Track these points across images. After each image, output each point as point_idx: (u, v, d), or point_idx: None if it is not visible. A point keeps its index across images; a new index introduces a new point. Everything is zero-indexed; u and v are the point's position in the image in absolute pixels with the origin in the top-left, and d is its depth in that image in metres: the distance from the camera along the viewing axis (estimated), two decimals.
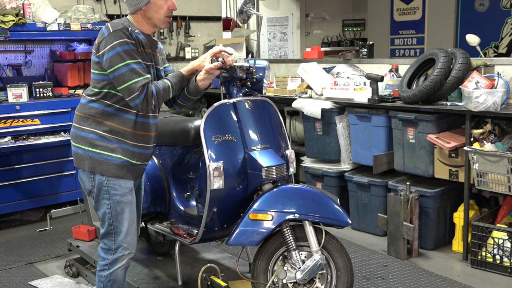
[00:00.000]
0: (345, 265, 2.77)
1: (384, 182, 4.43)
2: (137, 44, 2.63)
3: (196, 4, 6.91)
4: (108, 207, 2.72)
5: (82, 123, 2.73)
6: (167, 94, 2.72)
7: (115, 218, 2.73)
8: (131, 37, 2.60)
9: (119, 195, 2.72)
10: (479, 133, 3.88)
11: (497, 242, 3.75)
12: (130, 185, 2.77)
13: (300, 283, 2.77)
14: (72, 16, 5.25)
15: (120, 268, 2.77)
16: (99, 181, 2.71)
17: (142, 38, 2.69)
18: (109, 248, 2.76)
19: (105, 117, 2.68)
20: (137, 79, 2.56)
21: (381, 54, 7.95)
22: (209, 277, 3.18)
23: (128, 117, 2.70)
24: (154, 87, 2.64)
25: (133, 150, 2.73)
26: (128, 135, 2.71)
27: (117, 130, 2.69)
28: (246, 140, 2.89)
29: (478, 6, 7.43)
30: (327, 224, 2.78)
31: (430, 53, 4.33)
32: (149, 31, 2.77)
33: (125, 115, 2.69)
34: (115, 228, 2.74)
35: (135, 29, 2.68)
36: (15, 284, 3.80)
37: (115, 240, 2.75)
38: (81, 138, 2.72)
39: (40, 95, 5.12)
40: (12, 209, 5.02)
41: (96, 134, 2.69)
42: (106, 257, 2.77)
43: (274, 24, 8.40)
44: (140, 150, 2.76)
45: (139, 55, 2.63)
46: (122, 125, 2.69)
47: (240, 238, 2.80)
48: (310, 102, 4.84)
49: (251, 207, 2.81)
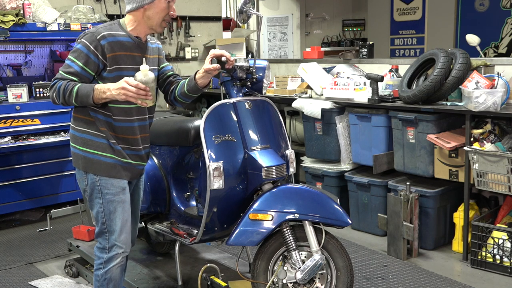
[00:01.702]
0: (345, 265, 2.77)
1: (384, 182, 4.43)
2: (103, 50, 2.60)
3: (196, 4, 6.91)
4: (101, 206, 2.75)
5: (76, 123, 2.77)
6: (67, 96, 2.60)
7: (107, 217, 2.74)
8: (96, 43, 2.60)
9: (111, 194, 2.73)
10: (479, 133, 3.88)
11: (497, 242, 3.75)
12: (123, 184, 2.77)
13: (300, 283, 2.77)
14: (72, 16, 5.25)
15: (115, 266, 2.78)
16: (92, 180, 2.73)
17: (125, 41, 2.68)
18: (104, 247, 2.78)
19: (93, 118, 2.71)
20: (62, 72, 2.62)
21: (381, 54, 7.95)
22: (209, 277, 3.18)
23: (107, 120, 2.71)
24: (60, 84, 2.62)
25: (123, 150, 2.74)
26: (112, 137, 2.72)
27: (103, 132, 2.71)
28: (246, 140, 2.89)
29: (478, 6, 7.43)
30: (327, 224, 2.78)
31: (430, 53, 4.33)
32: (143, 32, 2.75)
33: (103, 118, 2.70)
34: (108, 227, 2.76)
35: (121, 31, 2.68)
36: (15, 284, 3.80)
37: (109, 239, 2.77)
38: (76, 138, 2.76)
39: (40, 95, 5.12)
40: (12, 209, 5.02)
41: (88, 133, 2.72)
42: (101, 256, 2.80)
43: (274, 24, 8.40)
44: (129, 152, 2.76)
45: (96, 62, 2.61)
46: (105, 127, 2.71)
47: (240, 238, 2.80)
48: (310, 102, 4.84)
49: (251, 207, 2.81)
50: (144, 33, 2.76)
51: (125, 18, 2.76)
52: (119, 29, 2.70)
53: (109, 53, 2.62)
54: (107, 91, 2.57)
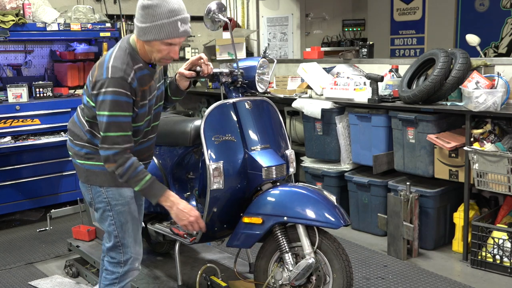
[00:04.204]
0: (342, 266, 2.70)
1: (384, 182, 4.43)
2: (135, 92, 2.49)
3: (196, 4, 6.91)
4: (112, 218, 2.64)
5: (76, 137, 2.68)
6: (132, 178, 2.50)
7: (120, 229, 2.64)
8: (129, 87, 2.45)
9: (120, 205, 2.64)
10: (479, 133, 3.88)
11: (497, 242, 3.75)
12: (131, 193, 2.68)
13: (295, 284, 2.76)
14: (72, 16, 5.25)
15: (130, 280, 2.72)
16: (98, 193, 2.63)
17: (146, 74, 2.55)
18: (119, 261, 2.67)
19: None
20: (118, 133, 2.44)
21: (381, 54, 7.94)
22: (209, 277, 3.18)
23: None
24: (131, 163, 2.48)
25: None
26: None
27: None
28: (246, 140, 2.89)
29: (478, 6, 7.42)
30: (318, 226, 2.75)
31: (430, 53, 4.32)
32: (147, 59, 2.58)
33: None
34: (121, 240, 2.65)
35: (140, 63, 2.52)
36: (15, 284, 3.80)
37: (124, 252, 2.66)
38: (75, 152, 2.68)
39: (40, 95, 5.12)
40: (12, 209, 5.02)
41: (90, 148, 2.63)
42: (115, 270, 2.68)
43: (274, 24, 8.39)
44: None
45: (132, 105, 2.49)
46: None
47: (234, 240, 2.86)
48: (310, 102, 4.84)
49: (246, 210, 2.82)
50: (148, 60, 2.59)
51: (133, 39, 2.56)
52: (137, 60, 2.53)
53: (139, 91, 2.51)
54: (173, 206, 2.59)
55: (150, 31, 2.43)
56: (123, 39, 2.61)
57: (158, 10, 2.40)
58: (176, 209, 2.59)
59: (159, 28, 2.42)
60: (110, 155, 2.46)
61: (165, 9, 2.41)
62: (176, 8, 2.43)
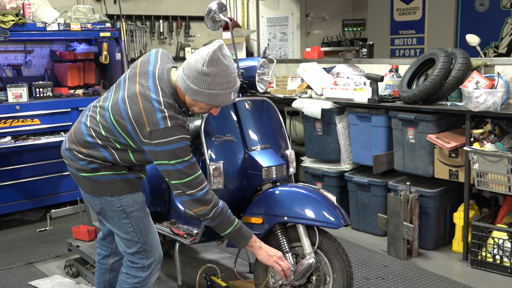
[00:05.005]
0: (342, 266, 2.71)
1: (384, 182, 4.43)
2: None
3: (196, 4, 6.91)
4: (129, 226, 2.57)
5: (83, 154, 2.56)
6: (225, 220, 2.51)
7: (140, 235, 2.59)
8: (188, 132, 2.43)
9: (136, 211, 2.58)
10: (479, 133, 3.88)
11: (497, 242, 3.75)
12: (143, 197, 2.65)
13: (295, 284, 2.76)
14: (72, 16, 5.25)
15: (152, 284, 2.70)
16: (109, 203, 2.55)
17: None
18: (142, 266, 2.63)
19: (109, 160, 2.54)
20: (195, 174, 2.40)
21: (381, 54, 7.94)
22: (209, 277, 3.19)
23: (124, 165, 2.56)
24: (222, 208, 2.49)
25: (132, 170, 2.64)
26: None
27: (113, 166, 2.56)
28: (246, 140, 2.89)
29: (478, 6, 7.42)
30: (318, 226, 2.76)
31: (430, 53, 4.32)
32: (183, 102, 2.49)
33: (122, 163, 2.55)
34: (143, 245, 2.60)
35: (180, 106, 2.45)
36: (15, 284, 3.80)
37: (147, 256, 2.62)
38: (79, 167, 2.57)
39: (40, 95, 5.12)
40: (12, 209, 5.02)
41: (98, 163, 2.53)
42: (138, 275, 2.63)
43: (274, 24, 8.39)
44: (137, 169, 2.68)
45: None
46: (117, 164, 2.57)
47: None
48: (310, 102, 4.84)
49: (246, 210, 2.82)
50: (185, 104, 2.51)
51: (176, 83, 2.44)
52: (180, 105, 2.45)
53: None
54: (262, 246, 2.62)
55: (202, 95, 2.36)
56: (161, 76, 2.44)
57: (216, 80, 2.33)
58: (265, 247, 2.63)
59: (212, 96, 2.36)
60: (199, 198, 2.42)
61: (223, 81, 2.34)
62: (232, 80, 2.38)
